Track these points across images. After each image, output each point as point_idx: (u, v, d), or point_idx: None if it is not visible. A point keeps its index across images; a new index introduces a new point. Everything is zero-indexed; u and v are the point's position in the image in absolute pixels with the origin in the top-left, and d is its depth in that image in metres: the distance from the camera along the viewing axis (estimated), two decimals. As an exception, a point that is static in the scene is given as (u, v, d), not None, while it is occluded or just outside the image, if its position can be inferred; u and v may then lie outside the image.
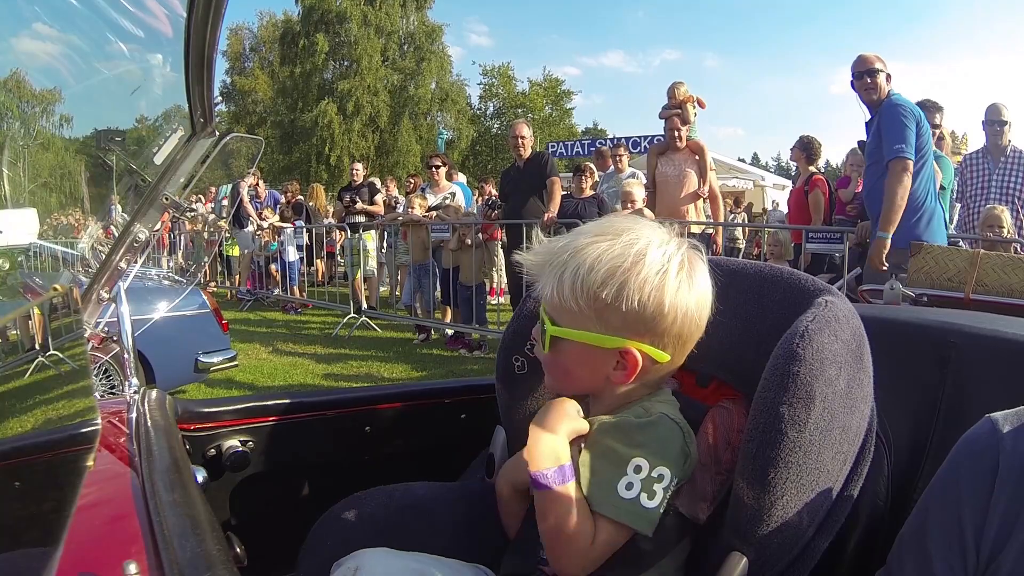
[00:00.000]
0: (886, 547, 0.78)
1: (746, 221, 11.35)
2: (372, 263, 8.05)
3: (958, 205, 5.00)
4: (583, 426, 0.88)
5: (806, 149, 5.79)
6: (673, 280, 0.83)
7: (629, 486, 0.82)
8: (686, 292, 0.84)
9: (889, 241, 3.39)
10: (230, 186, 9.27)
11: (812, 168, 5.73)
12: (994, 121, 4.54)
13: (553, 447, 0.85)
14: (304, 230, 8.65)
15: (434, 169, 7.05)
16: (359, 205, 7.70)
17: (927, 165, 3.45)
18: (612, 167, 6.56)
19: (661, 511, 0.82)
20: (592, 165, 6.59)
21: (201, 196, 10.17)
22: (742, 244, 9.43)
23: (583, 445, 0.88)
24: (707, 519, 0.89)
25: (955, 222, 5.01)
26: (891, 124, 3.40)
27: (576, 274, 0.82)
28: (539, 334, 0.91)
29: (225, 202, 9.49)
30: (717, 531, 0.87)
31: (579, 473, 0.85)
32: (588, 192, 5.89)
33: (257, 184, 9.42)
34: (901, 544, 0.74)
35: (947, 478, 0.72)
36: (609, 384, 0.89)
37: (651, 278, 0.82)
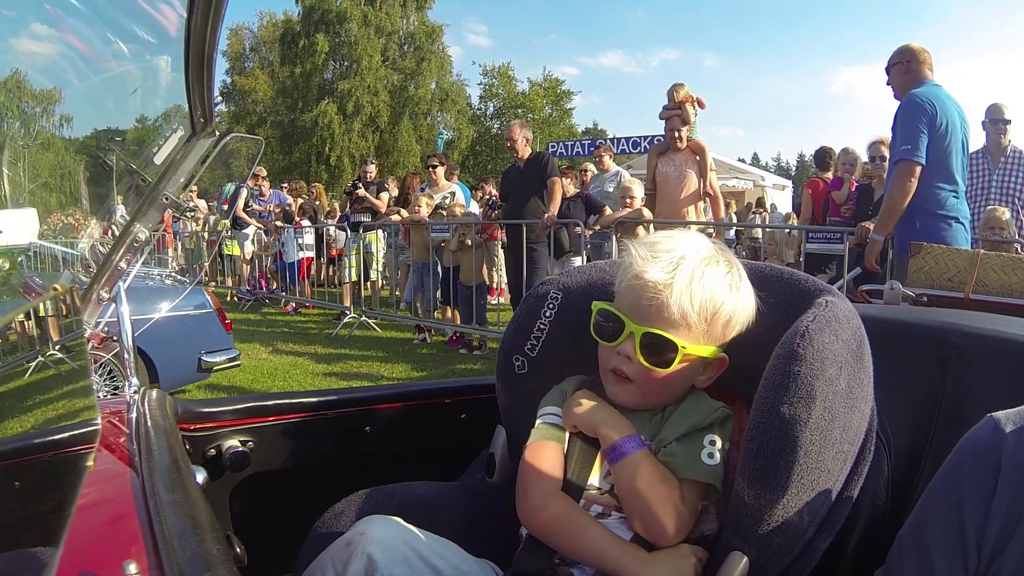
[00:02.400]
0: (886, 547, 0.78)
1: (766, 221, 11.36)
2: (378, 265, 8.03)
3: None
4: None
5: (818, 159, 6.00)
6: (749, 291, 0.96)
7: (710, 455, 0.90)
8: (754, 300, 0.96)
9: (881, 243, 3.28)
10: (232, 186, 9.27)
11: (824, 176, 5.83)
12: (997, 120, 4.51)
13: (621, 419, 0.95)
14: (308, 230, 8.65)
15: (432, 169, 7.05)
16: (361, 191, 7.56)
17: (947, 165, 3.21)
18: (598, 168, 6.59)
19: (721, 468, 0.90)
20: (592, 166, 6.62)
21: (192, 195, 10.15)
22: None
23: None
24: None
25: None
26: (899, 122, 3.25)
27: (704, 294, 0.90)
28: (638, 351, 0.92)
29: (226, 206, 9.48)
30: (718, 531, 0.87)
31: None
32: (572, 191, 5.96)
33: (259, 183, 9.39)
34: (901, 543, 0.74)
35: (949, 477, 0.72)
36: (686, 388, 0.97)
37: (749, 293, 0.95)
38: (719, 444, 0.91)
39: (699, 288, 0.90)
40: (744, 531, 0.81)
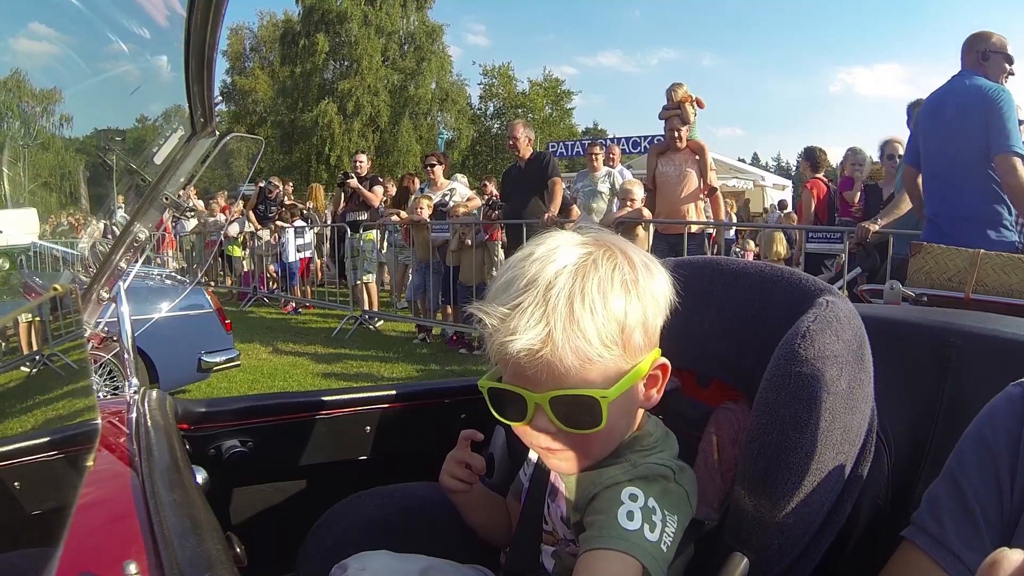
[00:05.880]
0: (887, 546, 0.78)
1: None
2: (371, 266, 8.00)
3: None
4: None
5: (810, 159, 5.99)
6: (657, 266, 0.78)
7: (630, 515, 0.73)
8: (666, 273, 0.79)
9: None
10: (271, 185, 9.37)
11: (816, 175, 5.81)
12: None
13: None
14: (307, 230, 8.65)
15: (431, 168, 7.04)
16: (353, 182, 7.40)
17: None
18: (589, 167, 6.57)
19: (664, 548, 0.73)
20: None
21: (191, 194, 10.17)
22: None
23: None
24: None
25: None
26: (1003, 114, 2.92)
27: (598, 319, 0.70)
28: (554, 420, 0.74)
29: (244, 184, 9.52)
30: (718, 531, 0.87)
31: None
32: None
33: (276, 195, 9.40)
34: (934, 495, 0.74)
35: (979, 433, 0.73)
36: (636, 417, 0.82)
37: (650, 271, 0.77)
38: (642, 502, 0.74)
39: (587, 316, 0.70)
40: (744, 532, 0.81)
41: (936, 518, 0.72)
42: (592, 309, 0.70)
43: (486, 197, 7.88)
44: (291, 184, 11.41)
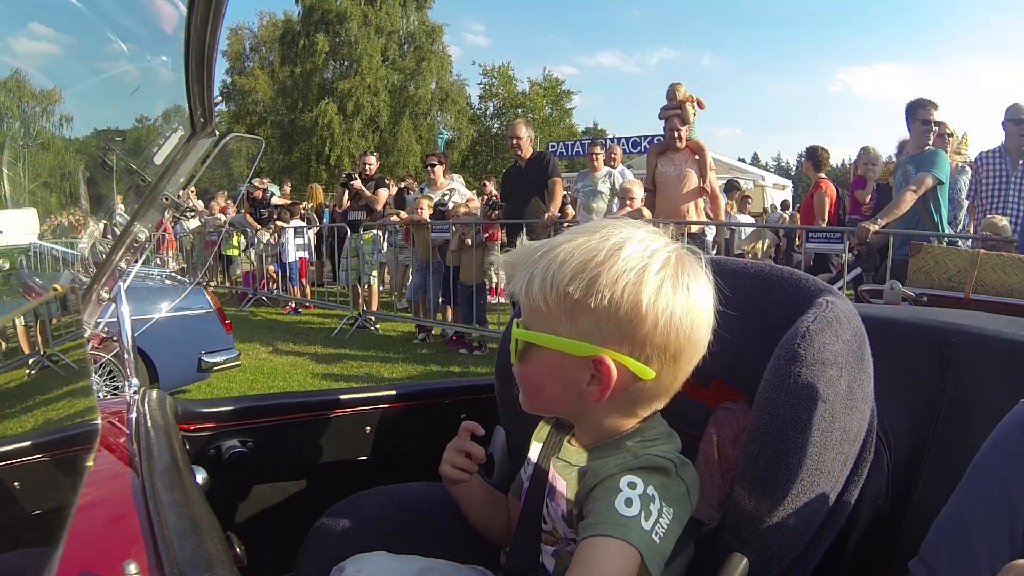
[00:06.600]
0: (887, 547, 0.78)
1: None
2: (369, 268, 7.98)
3: (965, 205, 4.96)
4: None
5: (812, 158, 5.98)
6: (653, 278, 0.74)
7: (628, 502, 0.74)
8: (669, 293, 0.74)
9: None
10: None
11: (820, 175, 5.80)
12: (1019, 120, 4.30)
13: None
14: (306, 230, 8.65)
15: (431, 168, 7.04)
16: (356, 183, 7.38)
17: None
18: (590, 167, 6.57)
19: (657, 540, 0.73)
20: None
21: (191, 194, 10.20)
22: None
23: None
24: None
25: (961, 225, 4.97)
26: None
27: (547, 270, 0.76)
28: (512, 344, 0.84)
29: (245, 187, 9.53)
30: (718, 531, 0.87)
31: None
32: None
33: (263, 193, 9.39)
34: (940, 527, 0.74)
35: (992, 456, 0.73)
36: (583, 403, 0.79)
37: (626, 274, 0.73)
38: (641, 489, 0.74)
39: (543, 266, 0.76)
40: (744, 532, 0.81)
41: (941, 553, 0.72)
42: (550, 262, 0.76)
43: (485, 197, 7.88)
44: (289, 184, 11.41)
